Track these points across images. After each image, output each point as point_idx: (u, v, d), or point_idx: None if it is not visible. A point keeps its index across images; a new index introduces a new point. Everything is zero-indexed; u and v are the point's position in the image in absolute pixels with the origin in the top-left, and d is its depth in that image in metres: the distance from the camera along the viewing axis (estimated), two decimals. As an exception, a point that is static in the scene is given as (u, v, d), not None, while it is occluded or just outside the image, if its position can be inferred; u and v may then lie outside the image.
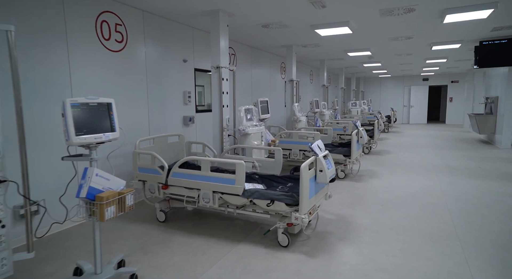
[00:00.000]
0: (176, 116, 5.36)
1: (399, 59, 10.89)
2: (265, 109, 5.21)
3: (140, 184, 3.79)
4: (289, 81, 7.67)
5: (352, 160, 5.62)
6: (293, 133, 6.11)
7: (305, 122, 7.24)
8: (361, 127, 5.89)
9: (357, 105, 13.01)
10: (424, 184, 5.35)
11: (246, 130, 4.28)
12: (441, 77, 17.57)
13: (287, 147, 6.10)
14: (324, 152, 3.37)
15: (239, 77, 7.26)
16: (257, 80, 8.20)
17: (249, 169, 4.17)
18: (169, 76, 5.16)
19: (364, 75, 18.12)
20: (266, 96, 8.76)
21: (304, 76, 11.86)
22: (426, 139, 11.06)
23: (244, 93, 7.47)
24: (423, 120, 18.16)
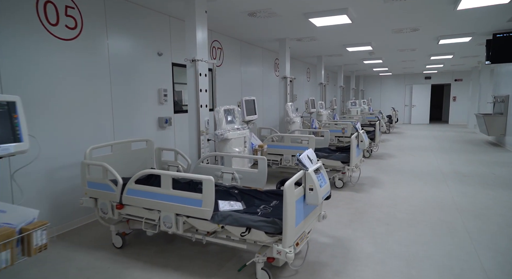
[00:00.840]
0: (150, 117, 4.66)
1: (402, 56, 10.19)
2: (251, 109, 4.52)
3: (92, 201, 3.09)
4: (282, 78, 6.98)
5: (352, 168, 4.94)
6: (285, 136, 5.42)
7: (299, 123, 6.55)
8: (361, 130, 5.20)
9: (357, 105, 12.33)
10: (433, 196, 4.66)
11: (225, 135, 3.59)
12: (444, 75, 16.89)
13: (278, 152, 5.41)
14: (316, 164, 2.68)
15: (227, 74, 6.57)
16: (248, 78, 7.51)
17: (228, 181, 3.48)
18: (140, 71, 4.47)
19: (364, 73, 17.44)
20: (259, 96, 8.07)
21: (300, 74, 11.17)
22: (430, 141, 10.38)
23: (232, 92, 6.77)
24: (425, 120, 17.48)
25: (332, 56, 9.94)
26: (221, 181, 3.54)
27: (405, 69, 15.11)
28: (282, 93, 7.02)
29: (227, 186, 3.40)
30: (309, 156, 2.64)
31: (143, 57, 4.51)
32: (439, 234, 3.37)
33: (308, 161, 2.59)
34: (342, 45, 8.06)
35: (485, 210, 4.05)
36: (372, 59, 10.79)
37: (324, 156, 5.17)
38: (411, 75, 17.66)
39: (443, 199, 4.49)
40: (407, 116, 18.02)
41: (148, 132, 4.62)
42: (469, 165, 6.65)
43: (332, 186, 5.20)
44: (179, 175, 2.73)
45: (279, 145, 5.40)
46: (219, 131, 3.60)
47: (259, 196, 3.18)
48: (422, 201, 4.41)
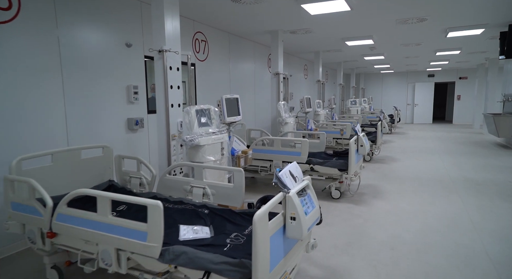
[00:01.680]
0: (116, 119, 4.03)
1: (406, 51, 9.53)
2: (233, 109, 3.89)
3: (19, 226, 2.45)
4: (275, 74, 6.33)
5: (350, 176, 4.30)
6: (274, 139, 4.78)
7: (293, 124, 5.90)
8: (361, 133, 4.56)
9: (357, 104, 11.68)
10: (445, 210, 4.02)
11: (195, 141, 2.96)
12: (448, 73, 16.21)
13: (267, 158, 4.78)
14: (300, 183, 2.04)
15: (213, 70, 5.92)
16: (239, 75, 6.86)
17: (199, 198, 2.85)
18: (102, 65, 3.83)
19: (364, 71, 16.78)
20: (250, 94, 7.43)
21: (297, 71, 10.52)
22: (434, 142, 9.74)
23: (219, 90, 6.13)
24: (428, 119, 16.82)
25: (331, 51, 9.28)
26: (191, 197, 2.91)
27: (408, 67, 14.44)
28: (274, 91, 6.37)
29: (197, 204, 2.77)
30: (292, 173, 2.00)
31: (107, 49, 3.87)
32: (457, 264, 2.73)
33: (290, 179, 1.96)
34: (340, 39, 7.41)
35: (510, 230, 3.41)
36: (373, 55, 10.13)
37: (319, 163, 4.54)
38: (414, 72, 16.99)
39: (456, 215, 3.85)
40: (410, 116, 17.36)
41: (114, 136, 3.99)
42: (481, 171, 6.01)
43: (328, 196, 4.58)
44: (118, 197, 2.08)
45: (268, 150, 4.77)
46: (188, 136, 2.96)
47: (233, 218, 2.54)
48: (432, 218, 3.78)
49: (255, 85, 7.64)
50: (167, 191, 3.01)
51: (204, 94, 5.62)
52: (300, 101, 6.67)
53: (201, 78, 5.61)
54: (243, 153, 3.90)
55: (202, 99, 5.56)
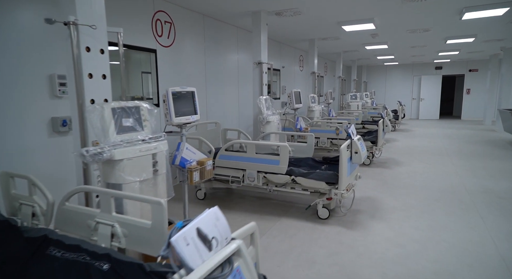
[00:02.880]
0: (35, 118, 3.09)
1: (412, 39, 8.47)
2: (186, 107, 2.93)
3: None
4: (257, 64, 5.34)
5: (341, 192, 3.34)
6: (247, 144, 3.84)
7: (276, 123, 4.93)
8: (356, 136, 3.59)
9: (358, 98, 10.66)
10: (465, 240, 3.06)
11: (105, 154, 2.01)
12: (457, 65, 15.07)
13: (240, 166, 3.84)
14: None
15: (182, 59, 4.95)
16: (218, 66, 5.89)
17: (106, 240, 1.91)
18: (13, 48, 2.88)
19: (367, 63, 15.68)
20: (233, 88, 6.45)
21: (291, 63, 9.50)
22: (443, 141, 8.72)
23: (191, 83, 5.16)
24: (435, 115, 15.74)
25: (327, 39, 8.25)
26: (96, 237, 1.96)
27: (414, 58, 13.34)
28: (257, 84, 5.39)
29: (98, 252, 1.81)
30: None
31: (14, 25, 2.92)
32: None
33: (195, 248, 1.01)
34: (336, 23, 6.38)
35: (559, 276, 2.45)
36: (375, 44, 9.08)
37: (302, 174, 3.57)
38: (420, 65, 15.87)
39: (481, 248, 2.89)
40: (415, 111, 16.28)
41: (30, 141, 3.05)
42: (501, 179, 5.02)
43: (313, 216, 3.64)
44: None
45: (239, 157, 3.81)
46: (92, 148, 2.00)
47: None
48: (448, 252, 2.82)
49: (239, 78, 6.66)
50: (67, 226, 2.09)
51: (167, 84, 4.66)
52: (288, 96, 5.68)
53: (166, 68, 4.65)
54: (200, 164, 2.95)
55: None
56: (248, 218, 3.60)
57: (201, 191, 4.21)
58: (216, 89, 5.90)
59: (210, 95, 5.70)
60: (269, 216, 3.66)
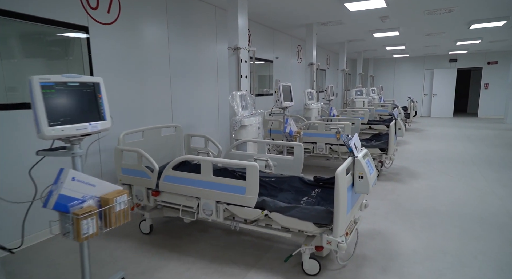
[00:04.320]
0: None
1: (430, 23, 7.18)
2: (81, 109, 1.77)
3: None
4: (233, 50, 4.13)
5: (336, 239, 2.14)
6: (202, 161, 2.65)
7: (255, 127, 3.74)
8: (361, 152, 2.38)
9: (363, 94, 9.39)
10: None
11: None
12: (474, 57, 13.66)
13: (195, 194, 2.66)
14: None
15: (131, 42, 3.76)
16: (188, 55, 4.69)
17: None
18: None
19: (374, 55, 14.34)
20: (210, 83, 5.26)
21: (287, 53, 8.26)
22: (463, 143, 7.44)
23: (150, 77, 3.99)
24: (449, 112, 14.37)
25: (328, 24, 6.99)
26: None
27: (427, 49, 11.99)
28: (233, 78, 4.18)
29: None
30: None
31: None
32: None
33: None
34: (338, 1, 5.14)
35: None
36: (385, 30, 7.78)
37: (279, 209, 2.37)
38: (432, 57, 14.48)
39: None
40: (426, 108, 14.93)
41: None
42: (557, 202, 3.78)
43: (297, 268, 2.45)
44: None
45: (192, 180, 2.62)
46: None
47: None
48: None
49: (219, 71, 5.45)
50: None
51: (107, 77, 3.49)
52: (275, 92, 4.47)
53: (105, 55, 3.47)
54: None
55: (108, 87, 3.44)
56: (201, 271, 2.44)
57: (146, 223, 3.04)
58: (186, 85, 4.71)
59: (176, 92, 4.53)
60: (233, 266, 2.49)
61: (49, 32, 3.00)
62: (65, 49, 3.19)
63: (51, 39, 3.05)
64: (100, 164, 3.44)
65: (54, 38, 3.07)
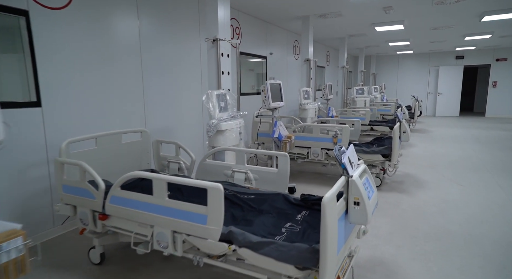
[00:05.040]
0: None
1: (438, 16, 6.58)
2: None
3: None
4: (211, 41, 3.56)
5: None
6: (154, 178, 2.09)
7: (236, 131, 3.18)
8: (357, 169, 1.82)
9: (365, 93, 8.81)
10: None
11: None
12: (482, 54, 13.01)
13: (147, 221, 2.10)
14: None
15: (89, 32, 3.21)
16: (165, 47, 4.14)
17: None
18: None
19: (376, 52, 13.72)
20: (192, 82, 4.70)
21: (282, 49, 7.68)
22: (473, 146, 6.84)
23: (119, 74, 3.43)
24: (455, 112, 13.74)
25: (326, 17, 6.41)
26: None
27: (433, 45, 11.36)
28: (213, 75, 3.61)
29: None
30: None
31: None
32: None
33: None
34: (335, -12, 4.57)
35: None
36: (388, 23, 7.19)
37: (249, 245, 1.81)
38: (438, 54, 13.84)
39: None
40: (431, 107, 14.31)
41: None
42: None
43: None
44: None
45: (144, 203, 2.06)
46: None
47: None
48: None
49: (203, 68, 4.89)
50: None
51: (58, 74, 2.94)
52: (262, 90, 3.91)
53: (55, 46, 2.92)
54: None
55: (49, 86, 2.89)
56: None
57: (95, 251, 2.48)
58: (164, 84, 4.16)
59: (150, 92, 3.98)
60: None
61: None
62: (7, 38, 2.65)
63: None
64: (49, 177, 2.89)
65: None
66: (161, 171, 3.19)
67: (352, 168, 1.85)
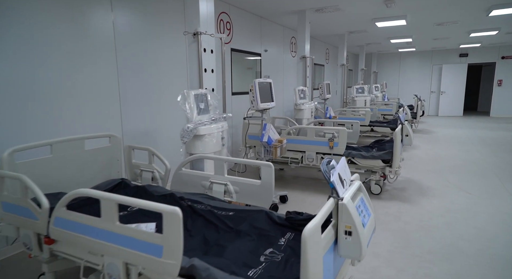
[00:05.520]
0: None
1: (442, 10, 6.20)
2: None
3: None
4: (192, 35, 3.19)
5: None
6: (102, 198, 1.73)
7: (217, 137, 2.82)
8: (349, 190, 1.46)
9: (365, 92, 8.43)
10: None
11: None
12: (487, 51, 12.60)
13: (96, 250, 1.75)
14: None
15: (57, 26, 2.86)
16: (144, 39, 3.78)
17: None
18: None
19: (378, 50, 13.31)
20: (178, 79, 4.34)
21: (278, 46, 7.31)
22: (479, 149, 6.46)
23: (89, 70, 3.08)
24: (458, 111, 13.34)
25: (323, 11, 6.03)
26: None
27: (436, 42, 10.96)
28: (194, 72, 3.25)
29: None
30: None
31: None
32: None
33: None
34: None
35: None
36: (390, 18, 6.80)
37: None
38: (441, 51, 13.42)
39: None
40: (434, 106, 13.91)
41: None
42: None
43: None
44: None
45: (91, 228, 1.71)
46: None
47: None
48: None
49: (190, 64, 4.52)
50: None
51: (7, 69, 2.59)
52: (250, 90, 3.55)
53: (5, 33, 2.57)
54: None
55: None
56: None
57: (45, 278, 2.12)
58: (144, 83, 3.81)
59: (128, 92, 3.62)
60: None
61: None
62: None
63: None
64: (3, 189, 2.54)
65: None
66: (134, 181, 2.84)
67: (344, 186, 1.50)
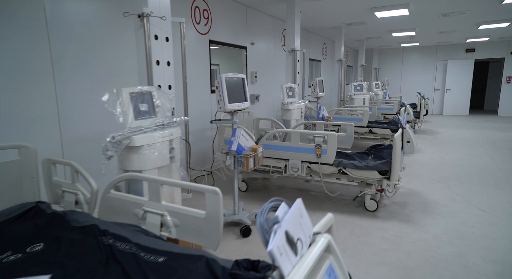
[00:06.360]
0: None
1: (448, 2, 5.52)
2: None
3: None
4: (138, 17, 2.55)
5: None
6: None
7: (163, 148, 2.18)
8: (303, 270, 0.81)
9: (364, 89, 7.75)
10: None
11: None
12: (495, 46, 11.85)
13: None
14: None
15: None
16: (94, 38, 3.15)
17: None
18: None
19: (379, 44, 12.59)
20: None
21: (269, 41, 6.65)
22: (489, 153, 5.78)
23: None
24: (464, 110, 12.61)
25: None
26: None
27: (441, 36, 10.24)
28: (142, 65, 2.61)
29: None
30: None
31: None
32: None
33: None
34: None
35: None
36: (391, 7, 6.10)
37: None
38: (446, 46, 12.69)
39: None
40: (438, 104, 13.19)
41: None
42: None
43: None
44: None
45: None
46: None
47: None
48: None
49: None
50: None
51: None
52: (217, 87, 2.91)
53: None
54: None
55: None
56: None
57: None
58: (90, 82, 3.17)
59: (67, 93, 2.99)
60: None
61: None
62: None
63: None
64: None
65: None
66: (55, 203, 2.21)
67: (296, 253, 0.86)
